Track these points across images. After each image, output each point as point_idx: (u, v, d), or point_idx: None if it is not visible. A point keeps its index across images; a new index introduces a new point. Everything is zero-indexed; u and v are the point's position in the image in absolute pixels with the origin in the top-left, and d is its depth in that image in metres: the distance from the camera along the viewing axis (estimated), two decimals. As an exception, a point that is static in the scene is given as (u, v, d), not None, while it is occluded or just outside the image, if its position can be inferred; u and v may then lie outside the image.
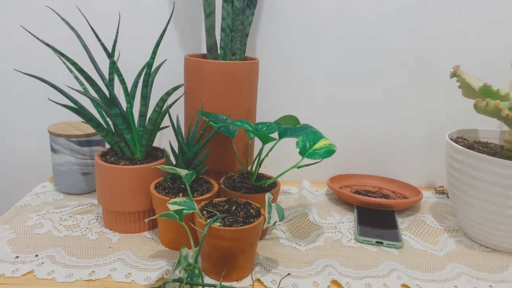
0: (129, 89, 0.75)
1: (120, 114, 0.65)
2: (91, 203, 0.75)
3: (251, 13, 0.73)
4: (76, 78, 0.69)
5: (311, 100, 0.85)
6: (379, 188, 0.85)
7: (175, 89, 0.60)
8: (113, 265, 0.57)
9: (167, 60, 0.82)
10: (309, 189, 0.83)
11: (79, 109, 0.62)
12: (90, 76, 0.61)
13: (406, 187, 0.85)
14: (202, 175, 0.67)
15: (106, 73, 0.81)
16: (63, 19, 0.62)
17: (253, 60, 0.71)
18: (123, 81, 0.65)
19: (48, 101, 0.87)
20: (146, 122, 0.66)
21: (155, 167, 0.64)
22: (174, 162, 0.64)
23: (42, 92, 0.87)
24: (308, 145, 0.59)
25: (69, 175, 0.76)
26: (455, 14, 0.79)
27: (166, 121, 0.87)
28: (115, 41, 0.64)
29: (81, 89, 0.72)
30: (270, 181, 0.64)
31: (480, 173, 0.61)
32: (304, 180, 0.86)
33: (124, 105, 0.82)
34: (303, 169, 0.87)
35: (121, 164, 0.64)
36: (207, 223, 0.52)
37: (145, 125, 0.66)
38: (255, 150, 0.80)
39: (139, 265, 0.58)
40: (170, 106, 0.63)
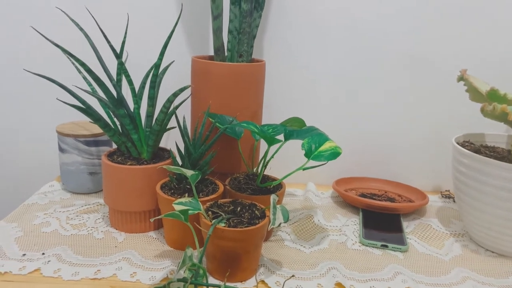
0: (136, 90, 0.75)
1: (128, 114, 0.65)
2: (98, 202, 0.76)
3: (258, 15, 0.73)
4: (85, 78, 0.70)
5: (317, 102, 0.85)
6: (385, 192, 0.85)
7: (182, 90, 0.60)
8: (118, 264, 0.57)
9: (174, 61, 0.82)
10: (315, 192, 0.83)
11: (87, 109, 0.63)
12: (98, 76, 0.61)
13: (412, 190, 0.84)
14: (208, 176, 0.68)
15: (113, 74, 0.82)
16: (72, 20, 0.63)
17: (260, 62, 0.71)
18: (130, 82, 0.65)
19: (56, 100, 0.88)
20: (153, 123, 0.66)
21: (161, 168, 0.64)
22: (180, 162, 0.65)
23: (51, 92, 0.87)
24: (314, 147, 0.59)
25: (76, 174, 0.77)
26: (457, 15, 0.79)
27: (172, 122, 0.87)
28: (123, 42, 0.65)
29: (89, 89, 0.72)
30: (275, 183, 0.64)
31: (486, 177, 0.61)
32: (310, 182, 0.86)
33: (131, 105, 0.83)
34: (308, 171, 0.87)
35: (127, 164, 0.64)
36: (212, 223, 0.52)
37: (152, 125, 0.66)
38: (261, 151, 0.80)
39: (144, 264, 0.58)
40: (177, 107, 0.64)
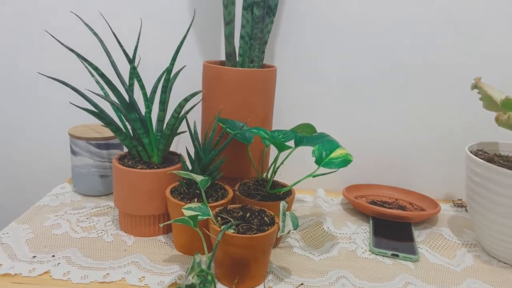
0: (148, 94, 0.76)
1: (139, 118, 0.66)
2: (108, 205, 0.76)
3: (270, 21, 0.73)
4: (97, 82, 0.70)
5: (327, 108, 0.85)
6: (396, 199, 0.84)
7: (193, 95, 0.60)
8: (127, 268, 0.58)
9: (185, 66, 0.83)
10: (324, 198, 0.83)
11: (99, 113, 0.63)
12: (111, 81, 0.62)
13: (423, 199, 0.83)
14: (217, 181, 0.68)
15: (124, 78, 0.83)
16: (86, 24, 0.63)
17: (271, 68, 0.71)
18: (142, 87, 0.66)
19: (69, 103, 0.89)
20: (164, 127, 0.67)
21: (171, 172, 0.64)
22: (190, 167, 0.65)
23: (64, 95, 0.88)
24: (324, 154, 0.59)
25: (87, 177, 0.77)
26: (472, 22, 0.78)
27: (183, 126, 0.88)
28: (136, 47, 0.65)
29: (101, 93, 0.73)
30: (285, 189, 0.63)
31: (500, 187, 0.60)
32: (319, 189, 0.86)
33: (142, 109, 0.83)
34: (318, 178, 0.87)
35: (138, 168, 0.65)
36: (221, 229, 0.52)
37: (163, 130, 0.66)
38: (271, 157, 0.80)
39: (153, 269, 0.58)
40: (188, 111, 0.64)
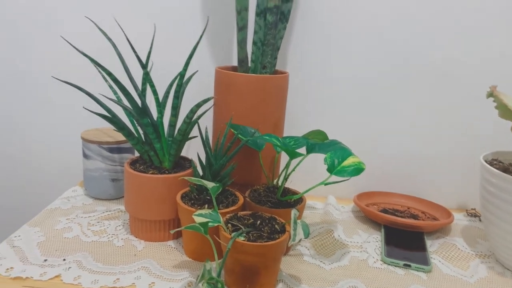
0: (160, 99, 0.76)
1: (151, 123, 0.66)
2: (119, 209, 0.76)
3: (283, 27, 0.73)
4: (110, 87, 0.71)
5: (339, 115, 0.84)
6: (408, 208, 0.83)
7: (205, 101, 0.60)
8: (137, 273, 0.58)
9: (198, 71, 0.83)
10: (335, 205, 0.82)
11: (112, 117, 0.64)
12: (124, 86, 0.62)
13: (436, 207, 0.82)
14: (228, 187, 0.68)
15: (136, 83, 0.83)
16: (100, 29, 0.64)
17: (284, 74, 0.71)
18: (155, 92, 0.66)
19: (81, 107, 0.89)
20: (175, 133, 0.67)
21: (182, 178, 0.64)
22: (200, 172, 0.65)
23: (77, 99, 0.89)
24: (337, 162, 0.58)
25: (99, 180, 0.78)
26: (487, 30, 0.77)
27: (194, 131, 0.88)
28: (149, 53, 0.66)
29: (114, 97, 0.74)
30: (296, 197, 0.63)
31: (516, 198, 0.59)
32: (330, 196, 0.85)
33: (154, 114, 0.84)
34: (329, 185, 0.86)
35: (149, 172, 0.65)
36: (231, 237, 0.52)
37: (174, 135, 0.66)
38: (281, 163, 0.79)
39: (163, 274, 0.58)
40: (200, 117, 0.64)
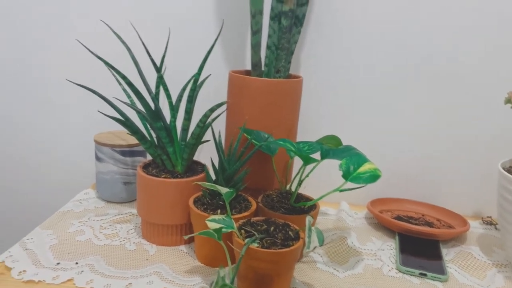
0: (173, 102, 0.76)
1: (164, 127, 0.65)
2: (130, 212, 0.76)
3: (297, 31, 0.72)
4: (124, 90, 0.71)
5: (352, 120, 0.83)
6: (422, 215, 0.82)
7: (219, 105, 0.60)
8: (149, 278, 0.57)
9: (210, 75, 0.83)
10: (348, 212, 0.81)
11: (125, 121, 0.64)
12: (139, 90, 0.62)
13: (451, 215, 0.81)
14: (240, 192, 0.67)
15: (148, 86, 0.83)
16: (115, 33, 0.64)
17: (297, 79, 0.70)
18: (169, 96, 0.66)
19: (95, 110, 0.90)
20: (188, 137, 0.66)
21: (196, 183, 0.64)
22: (213, 177, 0.64)
23: (90, 102, 0.89)
24: (352, 168, 0.57)
25: (111, 183, 0.78)
26: (508, 35, 0.76)
27: (206, 135, 0.87)
28: (163, 56, 0.65)
29: (128, 101, 0.73)
30: (310, 203, 0.62)
31: (536, 207, 0.57)
32: (343, 202, 0.84)
33: (167, 118, 0.84)
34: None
35: (162, 177, 0.65)
36: (245, 243, 0.51)
37: (187, 139, 0.66)
38: (294, 168, 0.79)
39: (175, 280, 0.57)
40: (213, 120, 0.64)
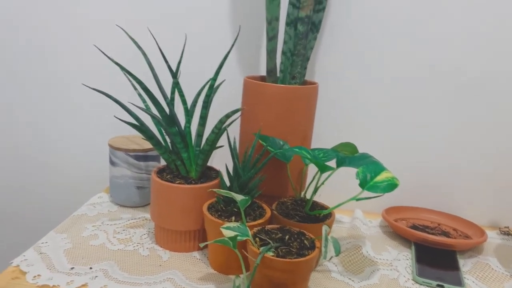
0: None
1: (179, 133, 0.65)
2: (144, 217, 0.76)
3: (313, 37, 0.72)
4: (139, 95, 0.71)
5: (367, 127, 0.82)
6: (438, 224, 0.80)
7: (235, 112, 0.59)
8: (163, 285, 0.57)
9: (225, 80, 0.83)
10: (362, 220, 0.80)
11: (141, 126, 0.64)
12: (154, 95, 0.62)
13: (467, 225, 0.79)
14: (255, 199, 0.66)
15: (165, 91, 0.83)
16: (131, 38, 0.64)
17: (313, 85, 0.69)
18: (184, 101, 0.66)
19: (110, 114, 0.90)
20: (203, 142, 0.66)
21: (211, 190, 0.64)
22: (227, 183, 0.64)
23: (104, 106, 0.90)
24: (369, 177, 0.56)
25: (125, 188, 0.78)
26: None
27: (220, 140, 0.87)
28: (179, 62, 0.65)
29: (143, 105, 0.74)
30: (325, 212, 0.61)
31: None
32: (357, 209, 0.83)
33: (182, 123, 0.84)
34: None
35: (176, 182, 0.64)
36: (260, 251, 0.51)
37: (202, 145, 0.66)
38: (309, 175, 0.78)
39: (188, 287, 0.57)
40: (228, 125, 0.63)
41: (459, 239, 0.74)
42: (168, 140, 0.68)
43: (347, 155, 0.65)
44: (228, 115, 0.60)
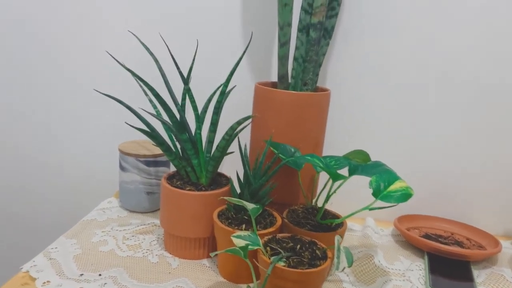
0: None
1: (189, 139, 0.65)
2: (153, 223, 0.76)
3: (325, 43, 0.71)
4: (150, 101, 0.70)
5: (380, 135, 0.81)
6: (451, 233, 0.79)
7: (246, 119, 0.59)
8: (172, 293, 0.56)
9: (236, 86, 0.82)
10: (374, 228, 0.79)
11: (151, 132, 0.63)
12: (165, 101, 0.62)
13: (481, 234, 0.77)
14: (265, 207, 0.66)
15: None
16: (143, 44, 0.64)
17: (325, 92, 0.69)
18: (195, 108, 0.65)
19: (119, 119, 0.90)
20: (213, 149, 0.66)
21: (222, 198, 0.63)
22: (238, 190, 0.63)
23: (115, 112, 0.90)
24: (383, 186, 0.55)
25: (134, 193, 0.78)
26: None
27: (231, 146, 0.87)
28: (191, 68, 0.65)
29: (154, 111, 0.73)
30: (337, 221, 0.60)
31: None
32: (368, 218, 0.82)
33: (192, 129, 0.83)
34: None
35: (186, 189, 0.64)
36: (271, 261, 0.50)
37: (213, 152, 0.65)
38: (319, 183, 0.77)
39: (198, 295, 0.57)
40: (239, 132, 0.63)
41: (473, 249, 0.73)
42: (179, 146, 0.68)
43: (359, 163, 0.64)
44: (239, 122, 0.60)
